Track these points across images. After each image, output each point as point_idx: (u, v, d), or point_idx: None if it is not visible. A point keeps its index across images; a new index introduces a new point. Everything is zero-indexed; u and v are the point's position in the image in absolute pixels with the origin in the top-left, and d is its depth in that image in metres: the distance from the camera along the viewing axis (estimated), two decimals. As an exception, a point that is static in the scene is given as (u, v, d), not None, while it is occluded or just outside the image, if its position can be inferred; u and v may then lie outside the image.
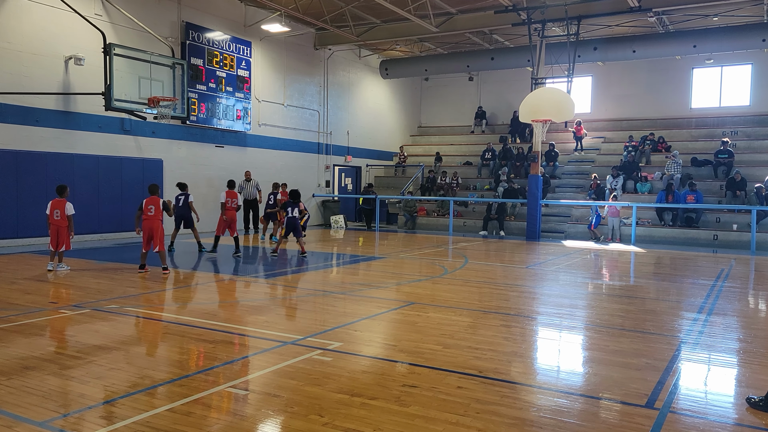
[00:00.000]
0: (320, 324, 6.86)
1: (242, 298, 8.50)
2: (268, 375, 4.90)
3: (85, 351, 5.49)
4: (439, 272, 11.01)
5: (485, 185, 22.56)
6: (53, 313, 7.03)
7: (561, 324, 7.07)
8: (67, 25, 14.09)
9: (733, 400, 4.68)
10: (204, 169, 17.79)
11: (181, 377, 4.80)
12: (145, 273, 9.92)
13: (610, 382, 4.87)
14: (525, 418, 4.08)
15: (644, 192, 19.42)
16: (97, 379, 4.70)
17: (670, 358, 5.57)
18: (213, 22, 17.85)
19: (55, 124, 14.15)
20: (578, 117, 22.17)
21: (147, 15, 15.71)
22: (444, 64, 23.82)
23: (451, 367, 5.15)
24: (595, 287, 10.19)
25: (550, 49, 18.84)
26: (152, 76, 14.33)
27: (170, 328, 6.50)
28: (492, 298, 8.71)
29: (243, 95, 18.65)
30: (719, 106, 22.71)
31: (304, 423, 3.91)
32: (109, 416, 3.99)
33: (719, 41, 19.05)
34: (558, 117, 17.07)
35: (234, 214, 13.01)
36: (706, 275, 11.36)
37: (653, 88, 23.44)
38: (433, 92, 28.37)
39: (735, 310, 8.18)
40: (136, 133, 15.96)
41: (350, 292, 8.87)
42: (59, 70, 14.15)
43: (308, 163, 22.01)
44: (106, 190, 15.14)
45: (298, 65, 21.32)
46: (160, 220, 10.01)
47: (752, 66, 21.99)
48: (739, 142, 20.75)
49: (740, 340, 6.52)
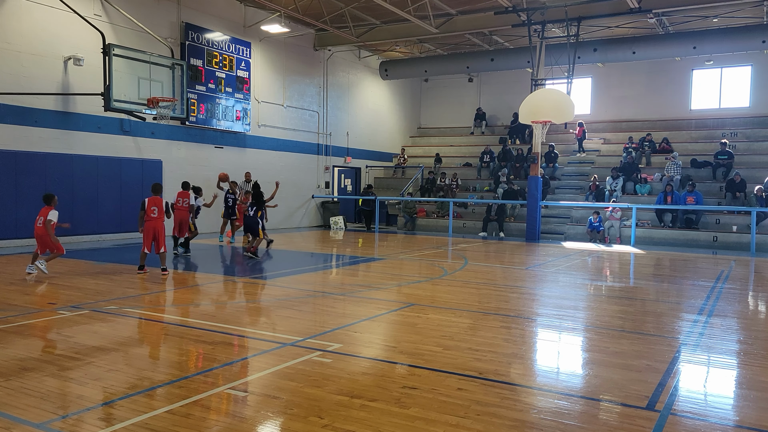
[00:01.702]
0: (320, 325, 6.84)
1: (241, 300, 8.48)
2: (268, 376, 4.89)
3: (83, 352, 5.47)
4: (439, 273, 10.99)
5: (485, 186, 22.56)
6: (52, 314, 7.01)
7: (561, 325, 7.06)
8: (66, 25, 14.07)
9: (733, 402, 4.66)
10: (203, 170, 17.76)
11: (180, 379, 4.78)
12: (144, 274, 9.90)
13: (611, 384, 4.86)
14: (525, 420, 4.07)
15: (644, 193, 19.41)
16: (95, 381, 4.68)
17: (671, 360, 5.55)
18: (212, 23, 17.84)
19: (54, 124, 14.13)
20: (578, 118, 22.17)
21: (146, 15, 15.70)
22: (444, 65, 23.84)
23: (451, 368, 5.13)
24: (595, 289, 10.17)
25: (550, 50, 18.84)
26: (151, 76, 14.33)
27: (169, 329, 6.49)
28: (492, 300, 8.69)
29: (242, 96, 18.63)
30: (719, 108, 22.71)
31: (303, 425, 3.90)
32: (108, 418, 3.97)
33: (719, 42, 19.06)
34: (558, 118, 17.07)
35: (184, 214, 12.45)
36: (705, 277, 11.35)
37: (653, 90, 23.44)
38: (433, 93, 28.36)
39: (735, 311, 8.17)
40: (136, 134, 15.94)
41: (350, 293, 8.85)
42: (58, 70, 14.13)
43: (308, 164, 21.99)
44: (106, 191, 15.11)
45: (298, 66, 21.30)
46: (163, 222, 9.97)
47: (752, 67, 21.99)
48: (738, 144, 20.75)
49: (740, 342, 6.51)
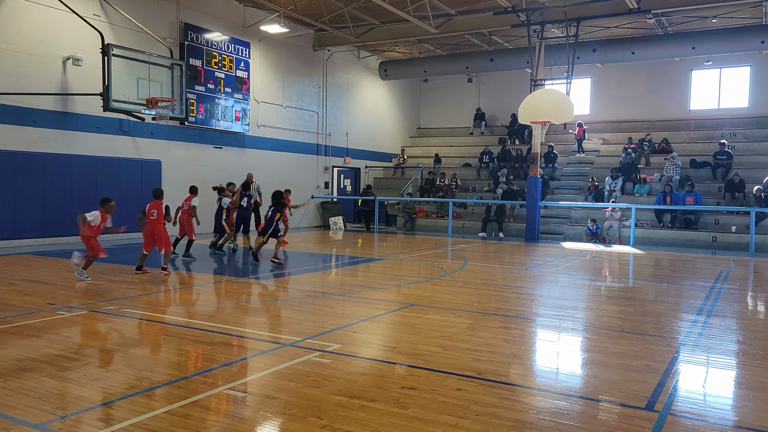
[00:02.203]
0: (319, 326, 6.83)
1: (241, 300, 8.48)
2: (267, 377, 4.88)
3: (82, 353, 5.47)
4: (438, 274, 10.99)
5: (484, 187, 22.56)
6: (51, 314, 7.00)
7: (560, 326, 7.06)
8: (65, 25, 14.07)
9: (732, 402, 4.66)
10: (202, 170, 17.76)
11: (179, 379, 4.77)
12: (144, 274, 9.90)
13: (610, 384, 4.86)
14: (524, 421, 4.06)
15: (643, 194, 19.42)
16: (94, 381, 4.68)
17: (670, 360, 5.55)
18: (212, 23, 17.84)
19: (53, 124, 14.12)
20: (577, 118, 22.17)
21: (145, 16, 15.69)
22: (443, 66, 23.84)
23: (450, 369, 5.13)
24: (594, 289, 10.17)
25: (549, 50, 18.85)
26: (150, 76, 14.32)
27: (168, 329, 6.48)
28: (491, 300, 8.69)
29: (242, 96, 18.63)
30: (718, 108, 22.73)
31: (302, 425, 3.89)
32: (107, 418, 3.97)
33: (718, 43, 19.07)
34: (557, 119, 17.07)
35: (183, 217, 12.02)
36: (705, 277, 11.35)
37: (652, 90, 23.46)
38: (433, 93, 28.36)
39: (734, 312, 8.17)
40: (135, 134, 15.93)
41: (349, 293, 8.84)
42: (57, 70, 14.12)
43: (307, 165, 21.99)
44: (105, 191, 14.95)
45: (297, 66, 21.30)
46: (163, 224, 10.03)
47: (751, 68, 22.01)
48: (737, 144, 20.76)
49: (739, 342, 6.51)
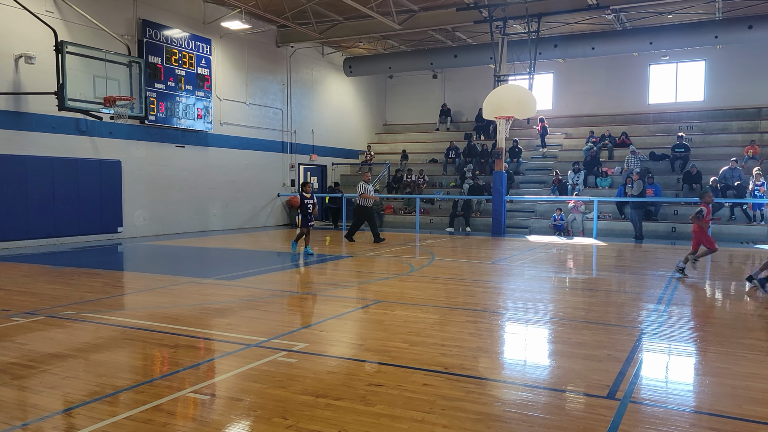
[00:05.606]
0: (285, 325, 6.77)
1: (205, 301, 8.33)
2: (231, 379, 4.81)
3: (38, 360, 5.29)
4: (406, 270, 11.01)
5: (451, 182, 22.69)
6: (5, 321, 6.75)
7: (526, 318, 7.15)
8: (16, 22, 13.57)
9: (691, 389, 4.79)
10: (165, 169, 17.40)
11: (140, 383, 4.66)
12: None
13: (573, 375, 4.94)
14: (490, 413, 4.09)
15: (605, 187, 19.83)
16: (51, 389, 4.53)
17: (631, 349, 5.68)
18: (171, 20, 17.47)
19: (5, 125, 13.62)
20: (540, 113, 22.47)
21: (101, 12, 15.26)
22: (408, 62, 23.86)
23: (417, 364, 5.14)
24: (558, 281, 10.34)
25: (512, 46, 19.05)
26: (108, 74, 13.93)
27: (129, 333, 6.32)
28: (458, 295, 8.75)
29: (203, 94, 18.30)
30: (675, 102, 23.34)
31: (267, 426, 3.85)
32: (66, 427, 3.85)
33: (674, 38, 19.58)
34: (520, 114, 17.27)
35: None
36: (664, 267, 11.65)
37: (612, 85, 23.93)
38: (398, 90, 28.38)
39: (692, 300, 8.41)
40: (93, 134, 15.50)
41: (317, 291, 8.79)
42: (9, 69, 13.62)
43: (272, 163, 21.76)
44: (62, 193, 14.65)
45: (260, 63, 21.04)
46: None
47: (705, 62, 22.65)
48: (694, 137, 21.36)
49: (698, 329, 6.70)
